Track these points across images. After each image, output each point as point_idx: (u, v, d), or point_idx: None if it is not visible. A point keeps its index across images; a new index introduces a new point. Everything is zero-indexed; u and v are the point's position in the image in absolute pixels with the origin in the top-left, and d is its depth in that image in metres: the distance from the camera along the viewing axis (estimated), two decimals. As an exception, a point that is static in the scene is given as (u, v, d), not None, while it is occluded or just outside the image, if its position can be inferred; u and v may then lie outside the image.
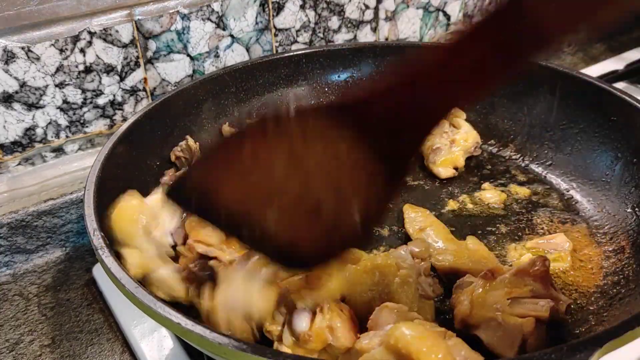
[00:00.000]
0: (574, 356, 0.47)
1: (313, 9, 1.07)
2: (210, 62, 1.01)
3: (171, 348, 0.73)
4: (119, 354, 0.77)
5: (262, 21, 1.03)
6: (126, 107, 0.95)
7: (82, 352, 0.77)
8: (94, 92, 0.91)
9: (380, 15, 1.17)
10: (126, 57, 0.92)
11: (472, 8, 1.31)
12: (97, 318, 0.82)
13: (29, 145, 0.89)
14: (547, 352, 0.47)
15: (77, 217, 0.92)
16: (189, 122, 0.91)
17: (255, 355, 0.49)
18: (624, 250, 0.73)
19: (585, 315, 0.65)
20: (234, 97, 0.97)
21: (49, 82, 0.86)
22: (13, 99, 0.85)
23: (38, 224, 0.89)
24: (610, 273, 0.70)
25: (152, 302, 0.55)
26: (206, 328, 0.51)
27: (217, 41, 1.00)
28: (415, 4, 1.21)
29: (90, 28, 0.87)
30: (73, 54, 0.87)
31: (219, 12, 0.97)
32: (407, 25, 1.22)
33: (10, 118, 0.86)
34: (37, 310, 0.83)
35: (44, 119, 0.88)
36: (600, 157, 0.84)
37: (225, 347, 0.49)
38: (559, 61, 1.47)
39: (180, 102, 0.89)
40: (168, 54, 0.96)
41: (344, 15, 1.12)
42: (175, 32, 0.95)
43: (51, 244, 0.91)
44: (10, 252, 0.88)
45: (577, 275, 0.71)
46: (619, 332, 0.49)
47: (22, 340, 0.79)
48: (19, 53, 0.83)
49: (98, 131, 0.94)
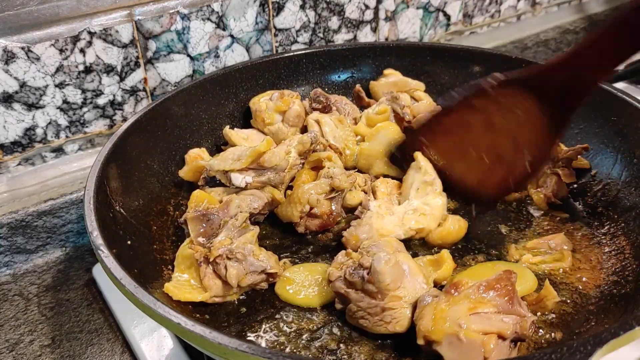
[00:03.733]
0: (574, 356, 0.47)
1: (313, 9, 1.08)
2: (210, 62, 1.01)
3: (171, 348, 0.73)
4: (119, 354, 0.77)
5: (262, 21, 1.03)
6: (126, 107, 0.95)
7: (82, 352, 0.77)
8: (94, 92, 0.91)
9: (380, 15, 1.17)
10: (126, 57, 0.92)
11: (472, 8, 1.31)
12: (97, 318, 0.82)
13: (29, 145, 0.89)
14: (547, 352, 0.47)
15: (77, 217, 0.92)
16: (189, 122, 0.91)
17: (255, 355, 0.49)
18: (624, 251, 0.73)
19: (585, 315, 0.65)
20: (234, 97, 0.97)
21: (49, 82, 0.86)
22: (13, 99, 0.85)
23: (38, 224, 0.89)
24: (610, 273, 0.70)
25: (152, 302, 0.55)
26: (206, 328, 0.51)
27: (217, 41, 1.00)
28: (415, 4, 1.21)
29: (90, 28, 0.87)
30: (73, 54, 0.87)
31: (219, 12, 0.98)
32: (407, 25, 1.22)
33: (10, 118, 0.86)
34: (37, 310, 0.83)
35: (44, 119, 0.88)
36: (600, 157, 0.84)
37: (225, 347, 0.50)
38: (559, 61, 1.47)
39: (180, 102, 0.89)
40: (168, 54, 0.96)
41: (344, 15, 1.12)
42: (175, 32, 0.95)
43: (51, 244, 0.91)
44: (10, 252, 0.88)
45: (577, 275, 0.71)
46: (619, 332, 0.49)
47: (22, 340, 0.79)
48: (19, 53, 0.83)
49: (98, 131, 0.94)
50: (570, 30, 1.51)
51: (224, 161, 0.79)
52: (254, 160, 0.78)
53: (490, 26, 1.37)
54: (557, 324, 0.64)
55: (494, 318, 0.57)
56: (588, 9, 1.55)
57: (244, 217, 0.72)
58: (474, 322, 0.56)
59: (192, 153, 0.86)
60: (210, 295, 0.68)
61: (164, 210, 0.81)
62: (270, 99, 0.93)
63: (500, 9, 1.37)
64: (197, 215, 0.72)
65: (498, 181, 0.79)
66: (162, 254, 0.74)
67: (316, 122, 0.90)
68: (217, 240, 0.69)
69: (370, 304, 0.62)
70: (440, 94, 1.02)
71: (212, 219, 0.72)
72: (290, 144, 0.82)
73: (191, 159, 0.85)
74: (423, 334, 0.58)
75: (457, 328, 0.56)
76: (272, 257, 0.72)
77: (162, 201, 0.82)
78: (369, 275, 0.62)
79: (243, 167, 0.78)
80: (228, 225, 0.71)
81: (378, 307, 0.62)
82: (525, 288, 0.67)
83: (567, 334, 0.63)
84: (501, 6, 1.36)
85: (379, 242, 0.67)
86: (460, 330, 0.56)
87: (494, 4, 1.34)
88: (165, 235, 0.78)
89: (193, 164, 0.83)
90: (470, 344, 0.55)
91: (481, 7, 1.32)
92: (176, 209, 0.83)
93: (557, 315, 0.65)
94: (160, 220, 0.79)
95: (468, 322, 0.56)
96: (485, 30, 1.37)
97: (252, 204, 0.75)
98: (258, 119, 0.93)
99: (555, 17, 1.49)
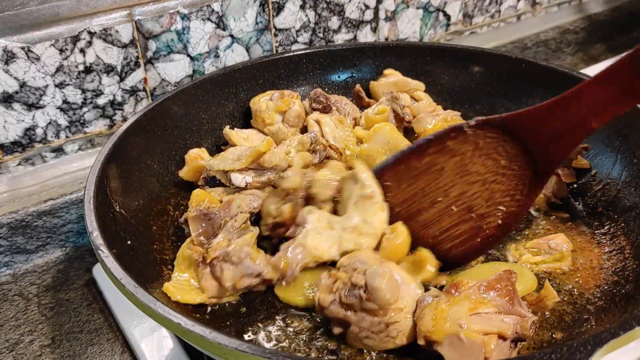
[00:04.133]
0: (574, 356, 0.47)
1: (313, 9, 1.08)
2: (210, 62, 1.01)
3: (171, 348, 0.73)
4: (119, 354, 0.77)
5: (262, 21, 1.03)
6: (126, 107, 0.95)
7: (82, 352, 0.77)
8: (94, 92, 0.91)
9: (380, 15, 1.17)
10: (126, 57, 0.92)
11: (472, 8, 1.31)
12: (97, 318, 0.82)
13: (29, 145, 0.89)
14: (547, 352, 0.47)
15: (77, 217, 0.92)
16: (189, 122, 0.91)
17: (255, 355, 0.49)
18: (624, 251, 0.73)
19: (585, 315, 0.65)
20: (234, 97, 0.97)
21: (49, 82, 0.86)
22: (13, 99, 0.85)
23: (38, 224, 0.89)
24: (610, 273, 0.70)
25: (152, 302, 0.55)
26: (206, 328, 0.51)
27: (217, 41, 1.00)
28: (415, 4, 1.21)
29: (90, 28, 0.87)
30: (73, 54, 0.87)
31: (219, 12, 0.98)
32: (407, 25, 1.22)
33: (10, 118, 0.86)
34: (37, 310, 0.83)
35: (44, 119, 0.88)
36: (600, 157, 0.84)
37: (225, 347, 0.50)
38: (559, 61, 1.48)
39: (180, 102, 0.89)
40: (168, 54, 0.96)
41: (344, 15, 1.12)
42: (175, 32, 0.95)
43: (51, 244, 0.91)
44: (10, 252, 0.88)
45: (577, 275, 0.71)
46: (619, 332, 0.49)
47: (22, 340, 0.79)
48: (19, 53, 0.83)
49: (98, 131, 0.94)
50: (570, 30, 1.51)
51: (224, 161, 0.79)
52: (254, 161, 0.78)
53: (490, 26, 1.37)
54: (557, 324, 0.64)
55: (495, 318, 0.57)
56: (588, 9, 1.55)
57: (244, 218, 0.72)
58: (474, 323, 0.56)
59: (192, 153, 0.86)
60: (207, 296, 0.68)
61: (164, 210, 0.81)
62: (270, 99, 0.93)
63: (500, 9, 1.36)
64: (198, 214, 0.72)
65: (465, 239, 0.71)
66: (162, 254, 0.74)
67: (316, 122, 0.90)
68: (215, 241, 0.69)
69: (373, 322, 0.60)
70: (440, 94, 1.02)
71: (213, 219, 0.72)
72: (290, 144, 0.82)
73: (191, 159, 0.85)
74: (424, 334, 0.58)
75: (458, 328, 0.56)
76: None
77: (162, 201, 0.82)
78: (367, 294, 0.60)
79: (243, 167, 0.78)
80: (227, 226, 0.71)
81: (382, 323, 0.60)
82: (525, 288, 0.67)
83: (567, 334, 0.63)
84: (501, 6, 1.36)
85: (359, 257, 0.64)
86: (460, 331, 0.56)
87: (494, 4, 1.34)
88: (165, 235, 0.78)
89: (193, 164, 0.83)
90: (471, 344, 0.55)
91: (481, 7, 1.32)
92: (176, 209, 0.82)
93: (557, 315, 0.65)
94: (160, 220, 0.79)
95: (469, 322, 0.56)
96: (485, 30, 1.37)
97: (252, 204, 0.75)
98: (258, 119, 0.93)
99: (555, 17, 1.49)
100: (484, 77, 1.01)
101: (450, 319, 0.57)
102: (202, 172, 0.82)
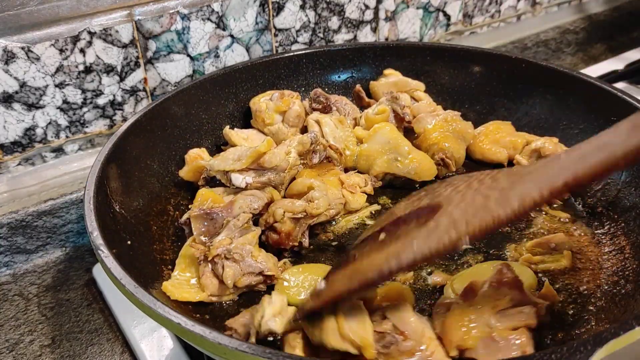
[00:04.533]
0: (574, 356, 0.47)
1: (313, 9, 1.08)
2: (210, 62, 1.01)
3: (171, 348, 0.73)
4: (119, 354, 0.77)
5: (262, 21, 1.03)
6: (126, 107, 0.95)
7: (82, 352, 0.77)
8: (94, 92, 0.91)
9: (380, 15, 1.17)
10: (126, 57, 0.92)
11: (472, 8, 1.31)
12: (97, 318, 0.82)
13: (29, 145, 0.89)
14: (547, 352, 0.47)
15: (77, 217, 0.92)
16: (189, 122, 0.91)
17: (255, 355, 0.49)
18: (624, 251, 0.73)
19: (585, 315, 0.65)
20: (234, 97, 0.97)
21: (49, 82, 0.86)
22: (13, 99, 0.85)
23: (38, 224, 0.89)
24: (610, 273, 0.70)
25: (152, 302, 0.55)
26: (206, 328, 0.51)
27: (217, 41, 1.00)
28: (415, 4, 1.21)
29: (90, 28, 0.87)
30: (73, 54, 0.87)
31: (219, 12, 0.98)
32: (407, 25, 1.22)
33: (10, 118, 0.86)
34: (37, 310, 0.83)
35: (44, 119, 0.88)
36: (600, 157, 0.84)
37: (225, 347, 0.50)
38: (559, 61, 1.48)
39: (180, 102, 0.89)
40: (168, 54, 0.96)
41: (344, 15, 1.12)
42: (175, 32, 0.95)
43: (51, 244, 0.91)
44: (10, 252, 0.88)
45: (577, 276, 0.71)
46: (619, 332, 0.49)
47: (22, 340, 0.79)
48: (19, 53, 0.83)
49: (98, 131, 0.94)
50: (570, 30, 1.51)
51: (224, 161, 0.79)
52: (254, 161, 0.78)
53: (490, 26, 1.37)
54: (557, 324, 0.64)
55: (515, 312, 0.58)
56: (588, 9, 1.55)
57: (246, 218, 0.72)
58: (500, 321, 0.57)
59: (192, 153, 0.86)
60: (207, 294, 0.68)
61: (164, 210, 0.81)
62: (270, 99, 0.93)
63: (500, 9, 1.37)
64: (201, 213, 0.72)
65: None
66: (162, 254, 0.74)
67: (316, 123, 0.90)
68: (217, 239, 0.69)
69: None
70: (440, 94, 1.02)
71: (215, 218, 0.72)
72: (291, 145, 0.82)
73: (191, 159, 0.85)
74: (455, 344, 0.57)
75: (488, 329, 0.57)
76: (271, 259, 0.71)
77: (162, 201, 0.82)
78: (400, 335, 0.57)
79: (243, 167, 0.78)
80: (229, 225, 0.71)
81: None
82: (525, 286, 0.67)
83: (567, 334, 0.63)
84: (501, 6, 1.36)
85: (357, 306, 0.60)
86: (491, 331, 0.56)
87: (494, 4, 1.34)
88: (165, 235, 0.78)
89: (193, 164, 0.83)
90: (505, 342, 0.56)
91: (481, 7, 1.32)
92: (176, 209, 0.82)
93: (557, 315, 0.65)
94: (160, 220, 0.79)
95: (496, 321, 0.57)
96: (485, 30, 1.37)
97: (252, 205, 0.75)
98: (258, 119, 0.93)
99: (555, 17, 1.49)
100: (484, 77, 1.01)
101: (477, 323, 0.57)
102: (202, 172, 0.82)
